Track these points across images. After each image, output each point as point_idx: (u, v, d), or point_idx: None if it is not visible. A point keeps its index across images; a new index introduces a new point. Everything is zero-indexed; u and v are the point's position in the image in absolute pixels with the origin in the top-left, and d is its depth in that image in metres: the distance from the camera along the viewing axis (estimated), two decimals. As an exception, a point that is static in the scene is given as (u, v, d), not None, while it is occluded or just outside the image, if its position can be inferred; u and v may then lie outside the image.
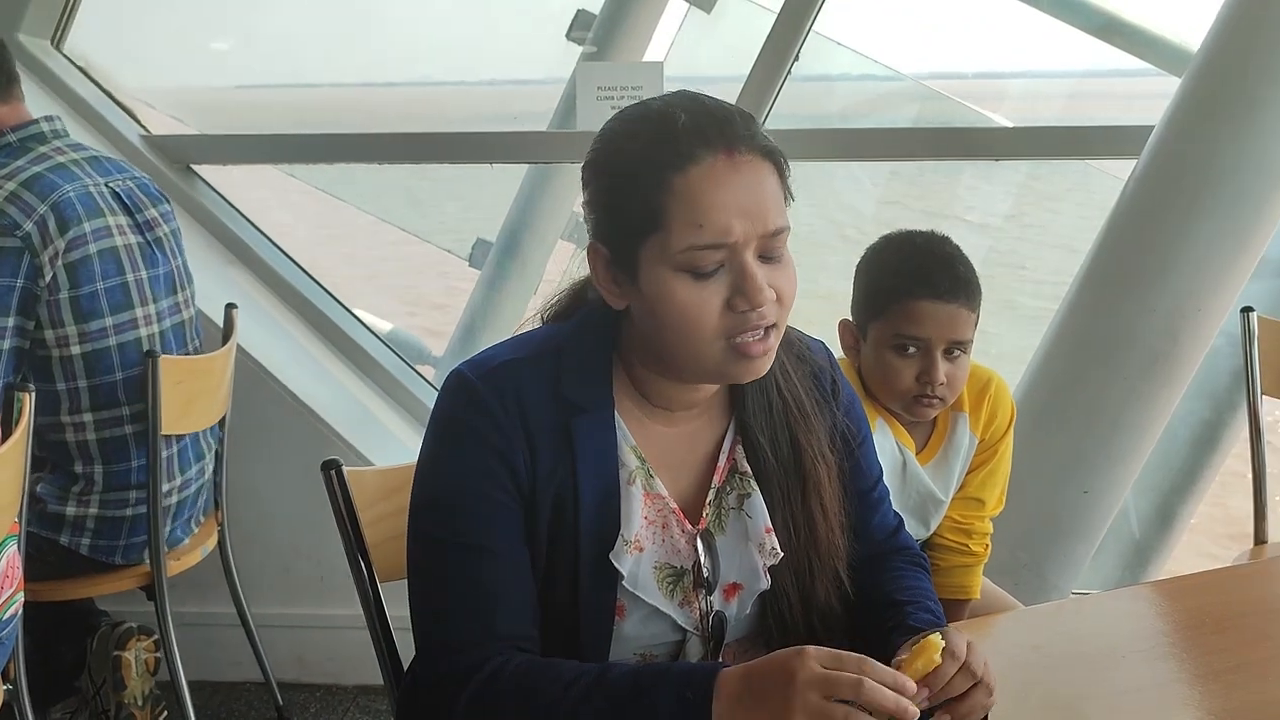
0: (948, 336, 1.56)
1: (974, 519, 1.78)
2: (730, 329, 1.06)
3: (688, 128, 1.06)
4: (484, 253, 3.74)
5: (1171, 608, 1.47)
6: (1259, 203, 2.26)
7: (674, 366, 1.12)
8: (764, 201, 1.06)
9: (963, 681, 1.00)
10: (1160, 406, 2.37)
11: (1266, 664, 1.26)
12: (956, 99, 3.76)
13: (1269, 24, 2.23)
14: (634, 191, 1.07)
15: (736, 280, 1.05)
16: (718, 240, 1.04)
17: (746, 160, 1.06)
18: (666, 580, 1.16)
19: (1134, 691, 1.22)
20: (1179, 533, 3.32)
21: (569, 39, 3.54)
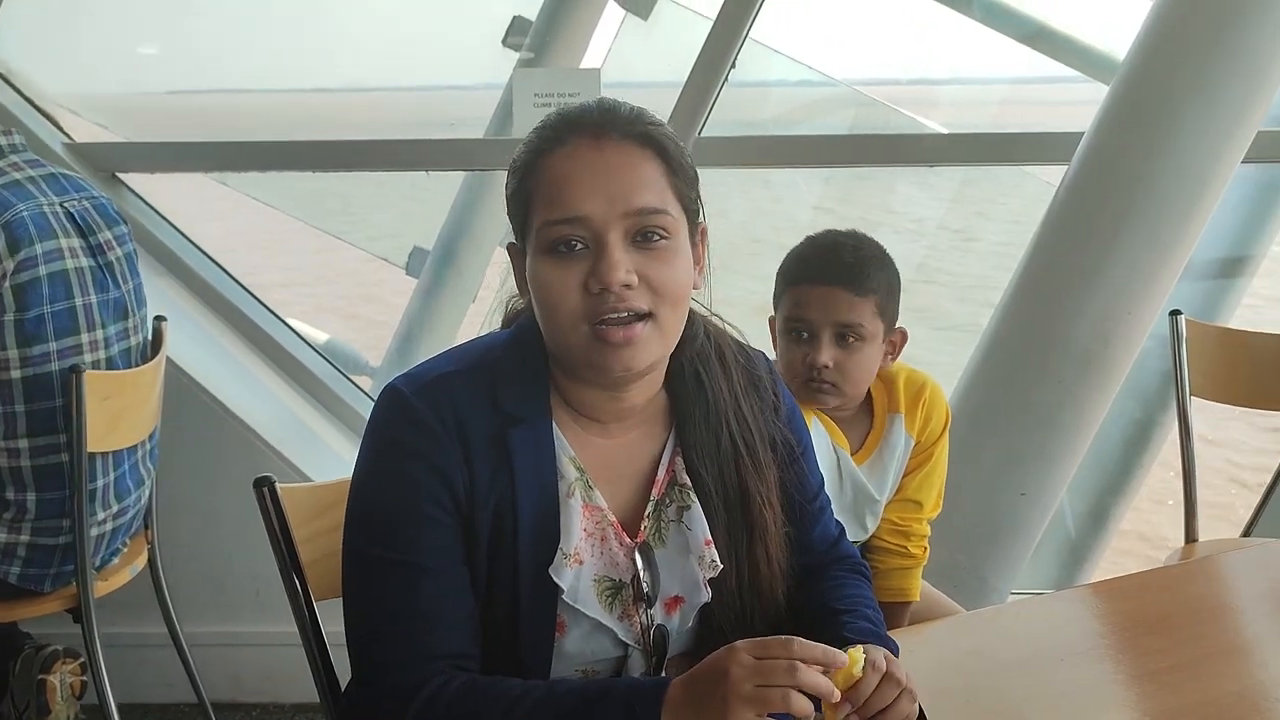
0: (831, 319, 1.60)
1: (912, 521, 1.79)
2: (590, 312, 1.06)
3: (566, 118, 1.10)
4: (421, 261, 3.70)
5: (1108, 610, 1.48)
6: (1186, 207, 2.31)
7: (561, 359, 1.12)
8: (628, 182, 1.07)
9: (889, 691, 1.01)
10: (1094, 408, 2.41)
11: (1200, 664, 1.28)
12: (891, 105, 3.80)
13: (1192, 33, 2.28)
14: (517, 181, 1.11)
15: (594, 260, 1.06)
16: (570, 214, 1.05)
17: (616, 144, 1.08)
18: (606, 593, 1.14)
19: (1073, 694, 1.23)
20: (1113, 531, 3.38)
21: (505, 45, 3.51)
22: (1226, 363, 2.27)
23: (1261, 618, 1.45)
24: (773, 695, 0.93)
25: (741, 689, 0.93)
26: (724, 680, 0.94)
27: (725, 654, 0.96)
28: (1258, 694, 1.22)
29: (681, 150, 1.12)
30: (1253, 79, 2.25)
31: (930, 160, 2.96)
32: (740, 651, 0.95)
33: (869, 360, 1.64)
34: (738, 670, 0.94)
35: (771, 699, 0.92)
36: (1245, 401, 2.32)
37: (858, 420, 1.74)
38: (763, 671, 0.93)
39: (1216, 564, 1.70)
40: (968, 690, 1.22)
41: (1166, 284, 2.39)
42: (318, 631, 1.34)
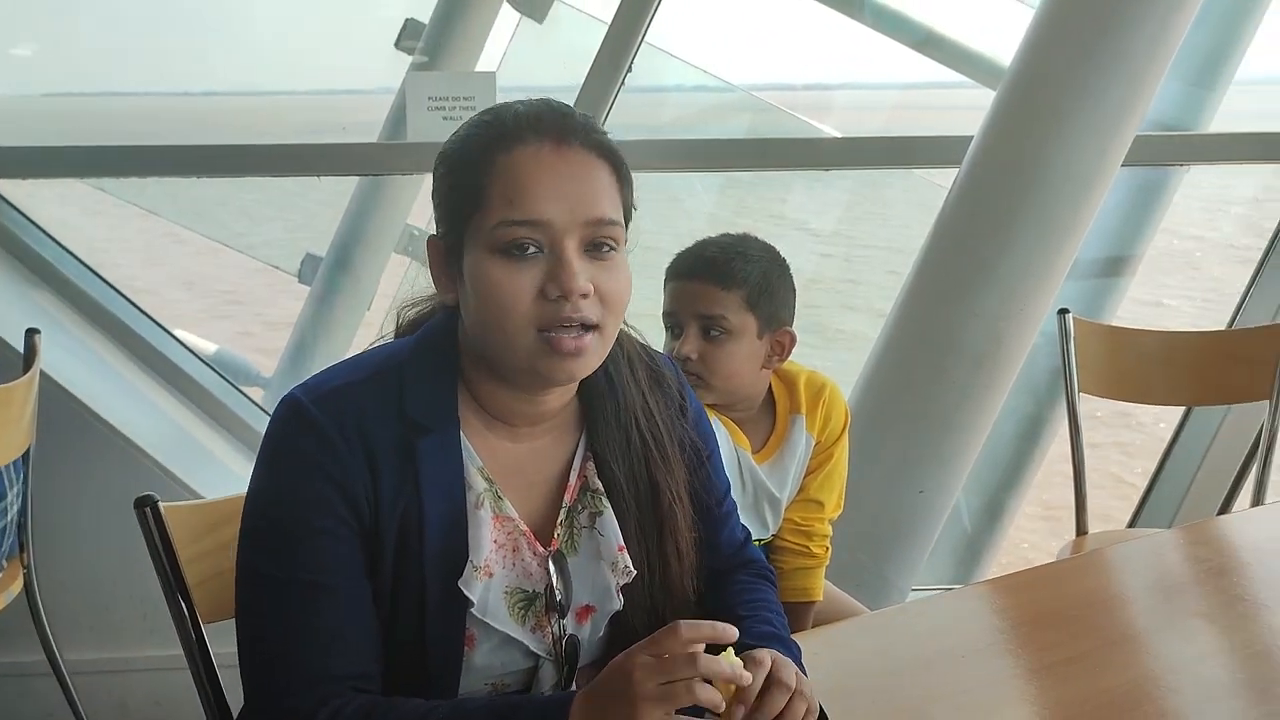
0: (695, 311, 1.63)
1: (814, 521, 1.81)
2: (542, 318, 1.04)
3: (523, 115, 1.07)
4: (314, 268, 3.61)
5: (1006, 605, 1.51)
6: (1072, 208, 2.37)
7: (497, 364, 1.09)
8: (589, 191, 1.05)
9: (778, 697, 1.00)
10: (988, 406, 2.46)
11: (1094, 655, 1.30)
12: (787, 110, 3.85)
13: (1073, 40, 2.35)
14: (462, 175, 1.07)
15: (551, 266, 1.04)
16: (531, 217, 1.03)
17: (577, 151, 1.06)
18: (518, 605, 1.12)
19: (975, 690, 1.24)
20: (1008, 526, 3.47)
21: (398, 48, 3.45)
22: (1112, 359, 2.34)
23: (1150, 608, 1.50)
24: (678, 690, 0.92)
25: (645, 689, 0.92)
26: (628, 683, 0.92)
27: (623, 658, 0.94)
28: (1149, 682, 1.26)
29: (625, 162, 1.11)
30: (1131, 85, 2.33)
31: (825, 164, 3.00)
32: (637, 653, 0.94)
33: (737, 355, 1.65)
34: (640, 672, 0.92)
35: (677, 694, 0.91)
36: (1130, 397, 2.40)
37: (759, 421, 1.75)
38: (664, 668, 0.92)
39: (1106, 556, 1.74)
40: (872, 690, 1.23)
41: (1055, 283, 2.46)
42: (206, 655, 1.29)
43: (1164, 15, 2.32)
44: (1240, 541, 1.71)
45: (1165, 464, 3.17)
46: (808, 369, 1.79)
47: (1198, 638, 1.37)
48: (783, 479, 1.75)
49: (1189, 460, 3.06)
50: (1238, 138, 3.15)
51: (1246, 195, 8.32)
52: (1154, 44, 2.33)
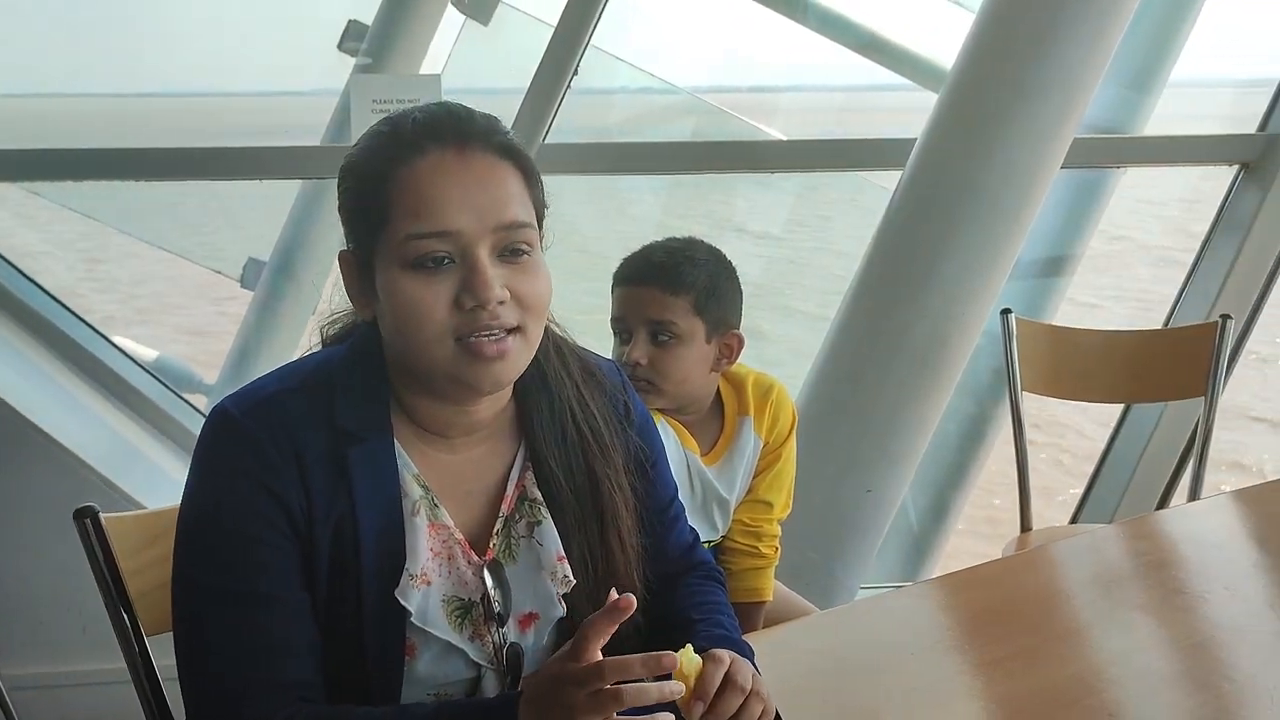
0: (644, 316, 1.64)
1: (763, 521, 1.82)
2: (459, 328, 1.03)
3: (419, 124, 1.05)
4: (256, 273, 3.57)
5: (952, 602, 1.53)
6: (1013, 209, 2.41)
7: (420, 376, 1.08)
8: (497, 196, 1.04)
9: (733, 698, 1.01)
10: (932, 405, 2.50)
11: (1038, 650, 1.33)
12: (732, 112, 3.86)
13: (1014, 44, 2.39)
14: (366, 189, 1.05)
15: (465, 276, 1.03)
16: (438, 229, 1.02)
17: (480, 156, 1.05)
18: (455, 614, 1.11)
19: (923, 687, 1.26)
20: (953, 524, 3.51)
21: (341, 50, 3.42)
22: (1053, 358, 2.38)
23: (1092, 602, 1.53)
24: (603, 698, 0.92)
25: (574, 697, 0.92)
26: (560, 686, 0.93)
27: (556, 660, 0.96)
28: (1092, 675, 1.28)
29: (532, 161, 1.11)
30: (1069, 89, 2.38)
31: (771, 167, 3.02)
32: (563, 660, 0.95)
33: (687, 360, 1.65)
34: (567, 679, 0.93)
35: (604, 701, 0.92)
36: (1071, 395, 2.44)
37: (708, 423, 1.76)
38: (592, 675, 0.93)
39: (1049, 552, 1.77)
40: (823, 690, 1.24)
41: (997, 284, 2.50)
42: (150, 669, 1.27)
43: (1100, 21, 2.37)
44: (1178, 536, 1.75)
45: (1105, 461, 3.23)
46: (755, 370, 1.80)
47: (1138, 630, 1.40)
48: (731, 480, 1.76)
49: (1128, 457, 3.12)
50: (1172, 140, 3.22)
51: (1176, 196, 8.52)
52: (1090, 49, 2.37)
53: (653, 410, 1.40)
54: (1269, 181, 2.92)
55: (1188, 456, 3.03)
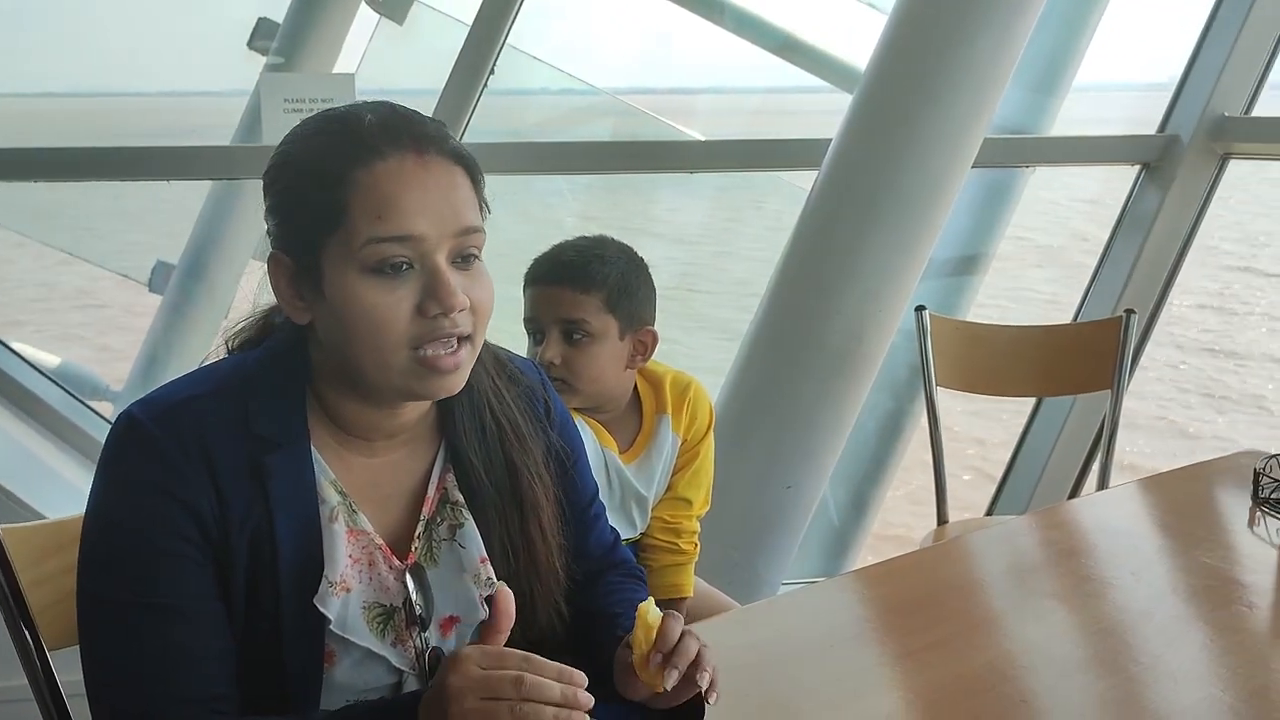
0: (555, 315, 1.64)
1: (682, 518, 1.83)
2: (419, 337, 1.01)
3: (375, 126, 1.03)
4: (165, 276, 3.48)
5: (871, 594, 1.55)
6: (926, 208, 2.45)
7: (363, 383, 1.05)
8: (454, 201, 1.03)
9: (692, 643, 1.05)
10: (850, 402, 2.53)
11: (954, 640, 1.35)
12: (651, 113, 3.88)
13: (924, 47, 2.44)
14: (317, 189, 1.02)
15: (428, 282, 1.01)
16: (401, 233, 1.00)
17: (437, 161, 1.03)
18: (377, 620, 1.09)
19: (843, 679, 1.27)
20: (873, 517, 3.56)
21: (251, 48, 3.35)
22: (967, 354, 2.43)
23: (1006, 591, 1.56)
24: (499, 710, 0.90)
25: (463, 703, 0.91)
26: (443, 693, 0.92)
27: (449, 665, 0.93)
28: (1006, 663, 1.30)
29: (479, 166, 1.09)
30: (978, 90, 2.43)
31: (689, 167, 3.03)
32: (465, 662, 0.93)
33: (601, 358, 1.65)
34: (457, 683, 0.91)
35: (498, 713, 0.90)
36: (984, 389, 2.49)
37: (626, 421, 1.76)
38: (488, 683, 0.91)
39: (965, 544, 1.80)
40: (743, 684, 1.24)
41: (912, 281, 2.54)
42: (53, 685, 1.23)
43: (1007, 23, 2.42)
44: (1088, 524, 1.80)
45: (1019, 453, 3.31)
46: (673, 369, 1.81)
47: (1050, 617, 1.43)
48: (650, 478, 1.76)
49: (1041, 449, 3.20)
50: (1078, 141, 3.32)
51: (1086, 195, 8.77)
52: (998, 51, 2.43)
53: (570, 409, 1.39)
54: (1168, 181, 3.02)
55: (1097, 447, 3.11)
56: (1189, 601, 1.45)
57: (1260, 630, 1.36)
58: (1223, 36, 3.00)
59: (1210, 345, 9.28)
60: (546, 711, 0.91)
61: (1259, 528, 1.67)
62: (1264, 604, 1.44)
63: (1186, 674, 1.24)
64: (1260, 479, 1.72)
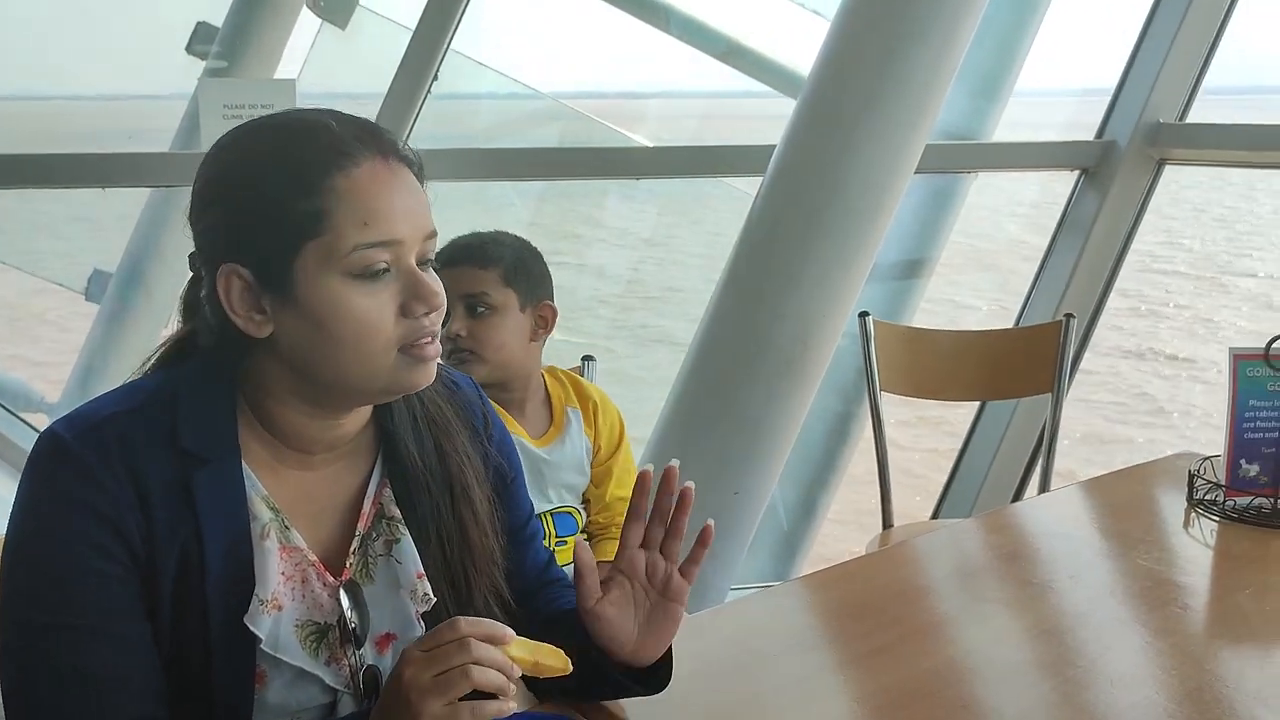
0: (457, 292, 1.69)
1: (617, 514, 1.87)
2: (405, 336, 1.02)
3: (344, 132, 1.03)
4: (102, 285, 3.41)
5: (816, 600, 1.55)
6: (869, 214, 2.47)
7: (337, 387, 1.04)
8: (421, 205, 1.05)
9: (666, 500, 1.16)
10: (796, 406, 2.54)
11: (900, 644, 1.35)
12: (598, 119, 3.87)
13: (865, 54, 2.46)
14: (289, 198, 1.00)
15: (407, 284, 1.02)
16: (385, 238, 1.01)
17: (400, 166, 1.04)
18: (310, 638, 1.07)
19: (788, 687, 1.27)
20: (821, 519, 3.59)
21: (190, 53, 3.30)
22: (910, 359, 2.45)
23: (950, 596, 1.57)
24: (453, 678, 0.92)
25: (420, 683, 0.92)
26: (400, 681, 0.93)
27: (399, 659, 0.96)
28: (949, 668, 1.31)
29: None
30: (919, 96, 2.45)
31: (636, 173, 3.04)
32: (410, 649, 0.95)
33: (504, 328, 1.74)
34: (410, 669, 0.93)
35: (452, 682, 0.92)
36: (928, 394, 2.52)
37: (539, 412, 1.82)
38: (436, 659, 0.93)
39: (910, 548, 1.81)
40: (688, 692, 1.24)
41: (856, 286, 2.56)
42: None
43: (947, 31, 2.45)
44: (1030, 527, 1.82)
45: (963, 456, 3.35)
46: (587, 381, 1.91)
47: (992, 621, 1.44)
48: (562, 459, 1.81)
49: (985, 452, 3.24)
50: (1018, 147, 3.37)
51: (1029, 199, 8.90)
52: (938, 58, 2.46)
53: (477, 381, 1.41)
54: (1106, 186, 3.08)
55: (1040, 450, 3.16)
56: (1126, 604, 1.47)
57: (1195, 631, 1.39)
58: (1157, 44, 3.06)
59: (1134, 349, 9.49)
60: (500, 659, 0.94)
61: (1194, 529, 1.70)
62: (1198, 605, 1.47)
63: (1123, 676, 1.26)
64: (1194, 480, 1.75)
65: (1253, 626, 1.38)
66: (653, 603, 1.16)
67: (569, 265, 6.28)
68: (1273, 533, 1.65)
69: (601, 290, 6.11)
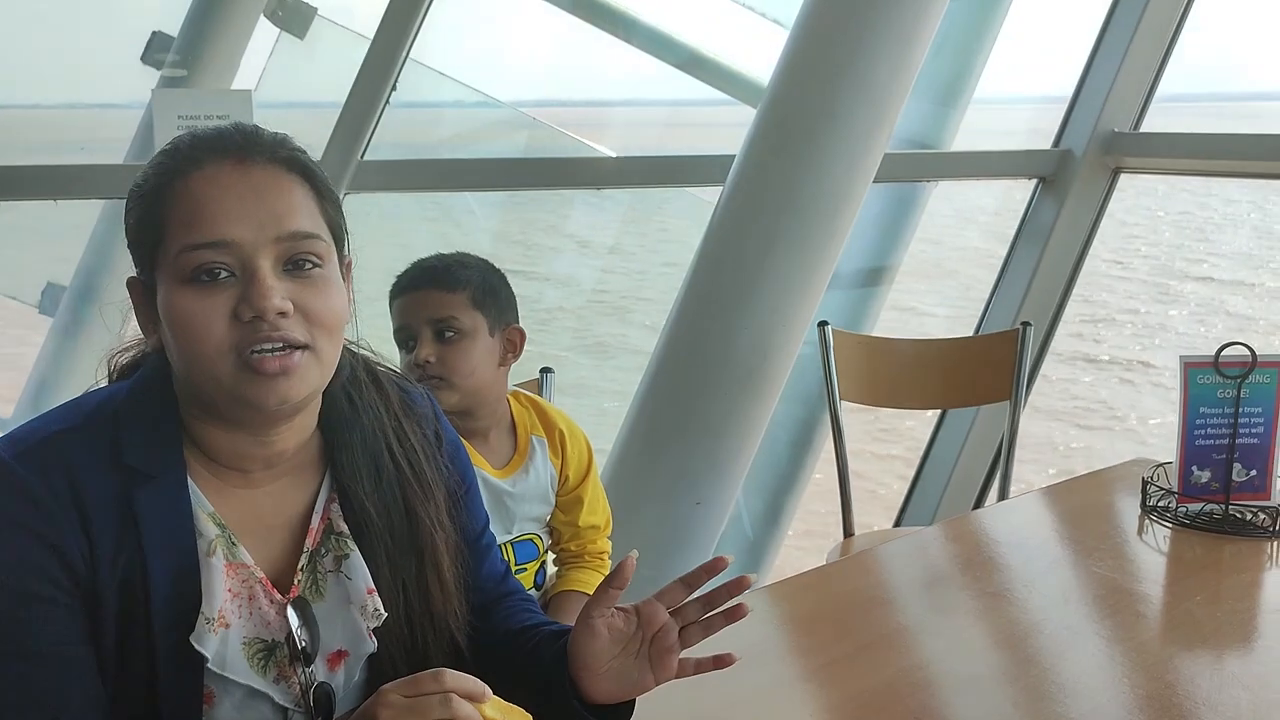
0: (424, 316, 1.68)
1: (589, 542, 1.86)
2: (239, 341, 0.98)
3: (200, 140, 1.02)
4: (55, 298, 3.36)
5: (777, 612, 1.55)
6: (827, 223, 2.48)
7: (208, 401, 1.02)
8: (279, 206, 1.01)
9: None
10: (757, 416, 2.54)
11: (859, 655, 1.36)
12: (560, 129, 3.86)
13: (823, 64, 2.47)
14: (143, 208, 1.02)
15: (244, 288, 0.99)
16: (212, 239, 0.98)
17: (261, 167, 1.02)
18: (257, 656, 1.05)
19: (748, 699, 1.27)
20: (787, 526, 3.59)
21: (145, 63, 3.27)
22: (870, 367, 2.46)
23: (908, 606, 1.58)
24: (430, 703, 0.90)
25: (395, 708, 0.90)
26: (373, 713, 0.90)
27: (374, 699, 0.92)
28: (905, 679, 1.31)
29: (327, 178, 1.08)
30: (876, 106, 2.47)
31: (599, 184, 3.04)
32: (388, 693, 0.92)
33: (474, 353, 1.69)
34: (387, 713, 0.90)
35: (430, 706, 0.90)
36: (888, 402, 2.53)
37: (502, 440, 1.78)
38: (416, 709, 0.90)
39: (870, 557, 1.82)
40: (650, 705, 1.23)
41: (816, 295, 2.56)
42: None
43: (904, 41, 2.47)
44: (988, 536, 1.83)
45: (925, 464, 3.36)
46: (551, 405, 1.86)
47: (951, 631, 1.44)
48: (525, 491, 1.77)
49: (946, 460, 3.26)
50: (976, 156, 3.40)
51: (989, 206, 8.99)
52: (896, 68, 2.47)
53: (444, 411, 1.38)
54: (1064, 194, 3.11)
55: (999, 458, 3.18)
56: (1081, 611, 1.48)
57: (1148, 639, 1.40)
58: (1111, 53, 3.10)
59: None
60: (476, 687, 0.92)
61: (1148, 535, 1.72)
62: (1152, 612, 1.48)
63: (1076, 685, 1.26)
64: (1148, 488, 1.76)
65: (1204, 633, 1.39)
66: (642, 655, 1.11)
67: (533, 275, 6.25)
68: (1224, 538, 1.67)
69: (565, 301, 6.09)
